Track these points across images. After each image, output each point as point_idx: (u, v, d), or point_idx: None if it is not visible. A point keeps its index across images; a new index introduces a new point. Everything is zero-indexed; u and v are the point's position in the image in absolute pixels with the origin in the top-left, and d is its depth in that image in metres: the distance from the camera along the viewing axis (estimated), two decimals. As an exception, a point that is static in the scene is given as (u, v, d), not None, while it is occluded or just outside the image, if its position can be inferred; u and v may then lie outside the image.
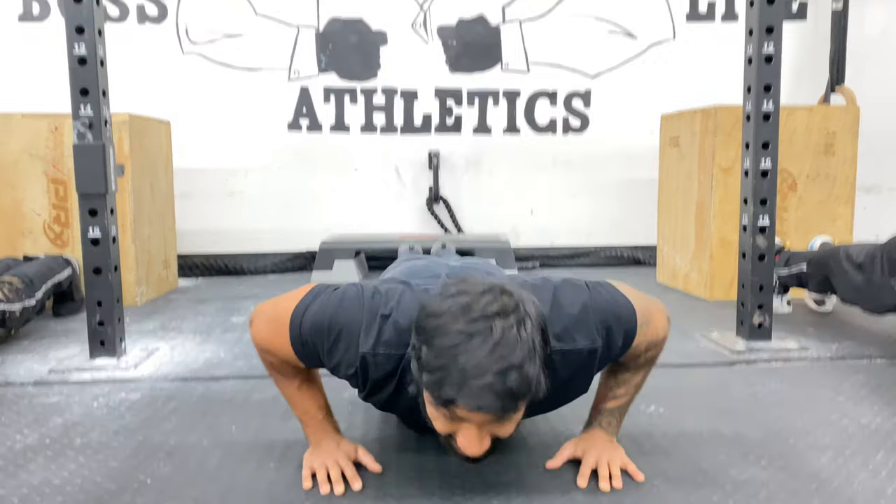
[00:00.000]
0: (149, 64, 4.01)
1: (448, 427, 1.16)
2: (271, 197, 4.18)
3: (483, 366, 1.06)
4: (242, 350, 2.40)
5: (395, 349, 1.27)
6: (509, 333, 1.08)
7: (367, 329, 1.27)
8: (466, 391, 1.07)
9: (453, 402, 1.09)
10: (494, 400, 1.07)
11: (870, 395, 1.90)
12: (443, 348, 1.09)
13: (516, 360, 1.07)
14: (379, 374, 1.29)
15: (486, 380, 1.06)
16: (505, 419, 1.13)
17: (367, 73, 4.18)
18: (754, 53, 2.25)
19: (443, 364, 1.08)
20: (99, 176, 2.13)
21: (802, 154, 3.27)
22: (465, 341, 1.08)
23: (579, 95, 4.27)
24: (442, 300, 1.14)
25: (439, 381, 1.09)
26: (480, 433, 1.14)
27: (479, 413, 1.09)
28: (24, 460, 1.53)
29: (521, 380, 1.07)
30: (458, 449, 1.18)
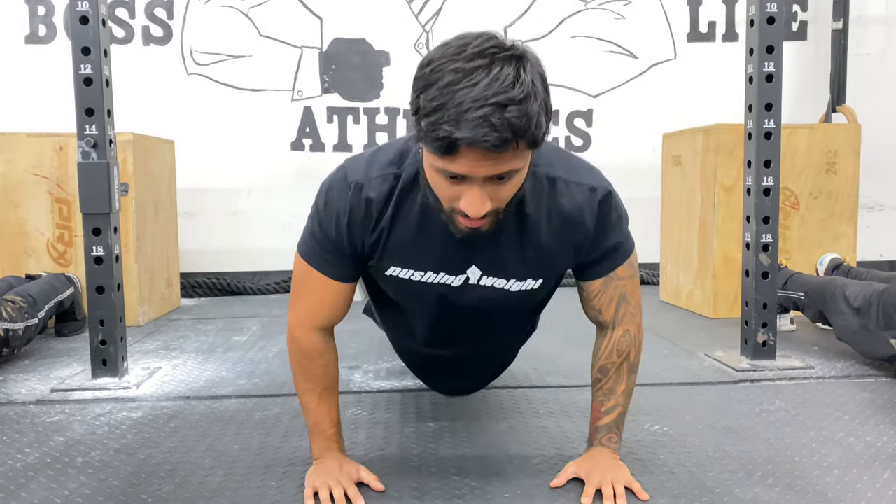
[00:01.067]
0: (153, 84, 4.04)
1: (450, 189, 1.16)
2: (274, 216, 4.19)
3: (482, 98, 1.04)
4: (244, 369, 2.39)
5: (387, 168, 1.31)
6: (509, 68, 1.06)
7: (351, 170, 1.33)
8: (464, 124, 1.05)
9: (451, 139, 1.06)
10: (492, 131, 1.05)
11: (875, 413, 1.88)
12: (440, 87, 1.07)
13: (516, 95, 1.05)
14: (377, 196, 1.31)
15: (485, 111, 1.04)
16: (505, 158, 1.10)
17: (369, 94, 4.20)
18: (755, 72, 2.26)
19: (441, 103, 1.06)
20: (103, 195, 2.14)
21: (804, 172, 3.27)
22: (463, 77, 1.06)
23: (581, 115, 4.29)
24: (438, 48, 1.12)
25: (437, 121, 1.07)
26: (482, 192, 1.14)
27: (479, 148, 1.06)
28: (26, 479, 1.52)
29: (521, 114, 1.05)
30: (461, 222, 1.19)
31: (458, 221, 1.20)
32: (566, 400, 2.00)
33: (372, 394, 2.10)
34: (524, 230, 1.33)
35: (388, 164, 1.32)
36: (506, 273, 1.38)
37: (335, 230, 1.35)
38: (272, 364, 2.45)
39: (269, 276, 4.17)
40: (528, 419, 1.86)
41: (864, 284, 2.38)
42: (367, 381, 2.22)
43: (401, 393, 2.10)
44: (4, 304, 2.44)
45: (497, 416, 1.89)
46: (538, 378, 2.23)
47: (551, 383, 2.17)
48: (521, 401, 2.01)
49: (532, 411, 1.92)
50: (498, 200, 1.18)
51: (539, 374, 2.27)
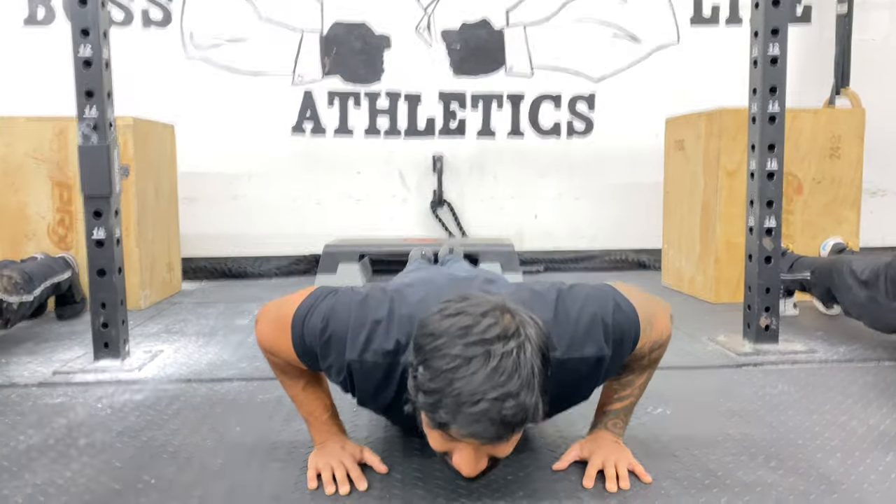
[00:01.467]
0: (153, 68, 4.02)
1: (444, 446, 1.17)
2: (275, 200, 4.18)
3: (479, 392, 1.05)
4: (246, 352, 2.39)
5: (382, 357, 1.26)
6: (508, 359, 1.06)
7: (353, 336, 1.27)
8: (461, 417, 1.06)
9: (448, 427, 1.08)
10: (489, 427, 1.06)
11: (878, 397, 1.88)
12: (439, 371, 1.07)
13: (513, 388, 1.05)
14: (368, 381, 1.29)
15: (482, 407, 1.05)
16: (501, 443, 1.12)
17: (370, 77, 4.18)
18: (760, 55, 2.24)
19: (439, 387, 1.07)
20: (103, 177, 2.13)
21: (808, 157, 3.26)
22: (463, 365, 1.06)
23: (584, 99, 4.27)
24: (441, 319, 1.11)
25: (434, 405, 1.08)
26: (476, 454, 1.14)
27: (474, 439, 1.09)
28: (28, 460, 1.52)
29: (518, 408, 1.06)
30: (454, 466, 1.18)
31: (451, 466, 1.19)
32: (568, 383, 2.00)
33: (374, 377, 2.10)
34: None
35: (385, 354, 1.26)
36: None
37: (322, 367, 1.33)
38: (274, 348, 2.45)
39: (270, 260, 4.17)
40: (530, 402, 1.85)
41: (871, 258, 2.39)
42: (369, 364, 2.22)
43: (403, 376, 2.10)
44: (1, 277, 2.44)
45: (499, 399, 1.89)
46: (540, 362, 2.22)
47: (553, 367, 2.17)
48: (523, 384, 2.01)
49: (534, 394, 1.92)
50: (494, 458, 1.18)
51: (541, 357, 2.27)
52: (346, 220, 4.23)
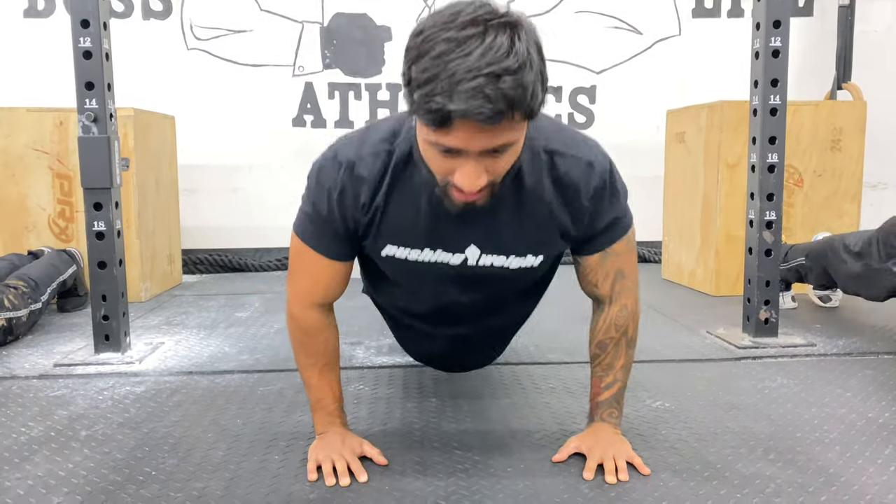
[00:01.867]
0: (153, 60, 4.01)
1: (444, 163, 1.13)
2: (276, 193, 4.17)
3: (475, 68, 1.00)
4: (247, 345, 2.40)
5: (379, 145, 1.29)
6: (503, 37, 1.01)
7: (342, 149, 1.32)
8: (457, 95, 1.01)
9: (444, 111, 1.02)
10: (486, 102, 1.01)
11: (877, 390, 1.89)
12: (432, 58, 1.03)
13: (511, 64, 1.01)
14: (369, 174, 1.29)
15: (479, 81, 1.00)
16: (500, 131, 1.06)
17: (371, 69, 4.17)
18: (761, 47, 2.24)
19: (433, 74, 1.02)
20: (104, 169, 2.13)
21: (809, 150, 3.25)
22: (456, 47, 1.01)
23: (584, 91, 4.26)
24: (429, 17, 1.08)
25: (429, 93, 1.03)
26: (477, 166, 1.11)
27: (473, 120, 1.03)
28: (30, 452, 1.53)
29: (516, 84, 1.01)
30: (456, 196, 1.17)
31: (452, 195, 1.18)
32: (568, 375, 2.01)
33: (374, 369, 2.11)
34: (522, 204, 1.31)
35: (381, 141, 1.29)
36: (505, 249, 1.36)
37: (327, 209, 1.32)
38: (274, 339, 2.46)
39: (271, 252, 4.17)
40: (529, 395, 1.86)
41: (862, 232, 2.41)
42: (370, 356, 2.23)
43: (403, 369, 2.10)
44: (6, 291, 2.42)
45: (499, 391, 1.89)
46: (540, 354, 2.23)
47: (553, 359, 2.18)
48: (522, 376, 2.01)
49: (534, 387, 1.92)
50: (493, 174, 1.15)
51: (541, 350, 2.27)
52: (346, 212, 4.22)
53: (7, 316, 2.37)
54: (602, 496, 1.30)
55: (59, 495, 1.33)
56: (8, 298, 2.40)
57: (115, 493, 1.33)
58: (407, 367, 2.11)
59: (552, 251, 1.41)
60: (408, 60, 1.08)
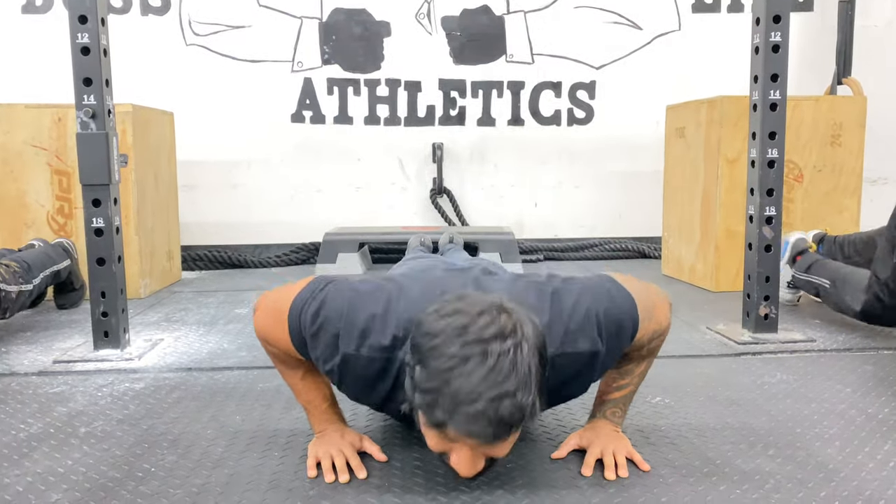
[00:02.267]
0: (152, 56, 4.01)
1: (441, 446, 1.16)
2: (274, 189, 4.18)
3: (476, 392, 1.05)
4: (246, 341, 2.39)
5: (378, 352, 1.26)
6: (505, 359, 1.06)
7: (348, 329, 1.26)
8: (458, 417, 1.06)
9: (444, 426, 1.08)
10: (486, 427, 1.06)
11: (877, 386, 1.88)
12: (436, 371, 1.08)
13: (510, 388, 1.05)
14: (363, 376, 1.29)
15: (479, 406, 1.05)
16: (498, 444, 1.12)
17: (370, 65, 4.17)
18: (761, 42, 2.23)
19: (435, 387, 1.07)
20: (102, 166, 2.13)
21: (809, 145, 3.25)
22: (459, 365, 1.06)
23: (584, 87, 4.25)
24: (438, 319, 1.12)
25: (431, 404, 1.08)
26: (474, 455, 1.13)
27: (471, 439, 1.08)
28: (29, 449, 1.52)
29: (515, 408, 1.06)
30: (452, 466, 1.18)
31: (448, 465, 1.19)
32: (568, 372, 2.00)
33: (373, 366, 2.10)
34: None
35: (381, 349, 1.26)
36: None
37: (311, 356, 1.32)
38: (274, 336, 2.45)
39: (270, 248, 4.17)
40: (529, 391, 1.86)
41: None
42: (369, 353, 2.23)
43: (402, 365, 2.10)
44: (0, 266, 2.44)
45: (499, 387, 1.89)
46: (540, 350, 2.22)
47: (553, 355, 2.17)
48: (522, 373, 2.01)
49: (534, 383, 1.92)
50: (491, 458, 1.17)
51: (540, 346, 2.27)
52: (345, 208, 4.22)
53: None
54: (601, 492, 1.30)
55: (59, 492, 1.33)
56: (0, 270, 2.41)
57: (114, 490, 1.33)
58: (406, 364, 2.11)
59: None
60: (413, 355, 1.13)
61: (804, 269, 2.66)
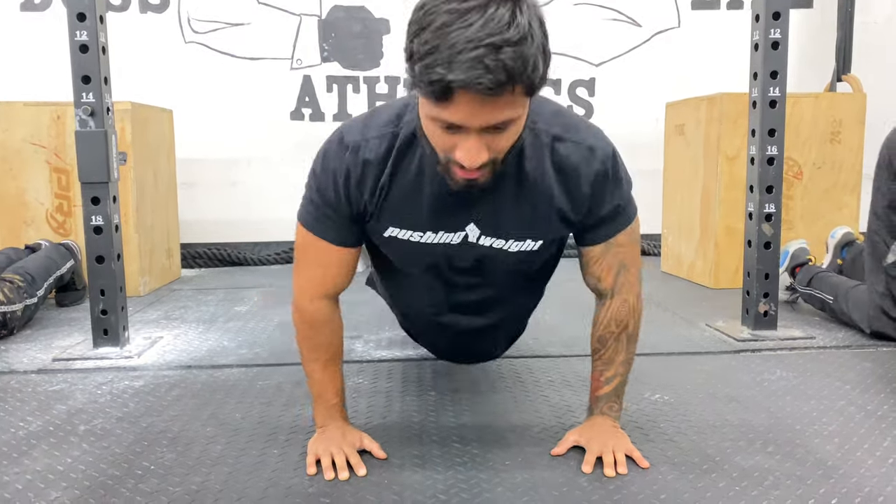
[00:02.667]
0: (151, 53, 4.00)
1: (446, 139, 1.12)
2: (274, 186, 4.17)
3: (475, 39, 1.00)
4: (246, 339, 2.39)
5: (384, 127, 1.29)
6: (503, 11, 1.01)
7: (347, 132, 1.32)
8: (458, 65, 1.00)
9: (444, 82, 1.02)
10: (486, 72, 1.00)
11: (876, 382, 1.89)
12: (434, 30, 1.02)
13: (512, 36, 1.00)
14: (374, 156, 1.29)
15: (479, 52, 1.00)
16: (501, 104, 1.06)
17: (369, 62, 4.16)
18: (761, 39, 2.23)
19: (434, 45, 1.02)
20: (101, 164, 2.12)
21: (808, 142, 3.25)
22: (457, 19, 1.01)
23: (583, 84, 4.25)
24: None
25: (430, 64, 1.02)
26: (478, 142, 1.10)
27: (473, 92, 1.02)
28: (28, 447, 1.52)
29: (517, 55, 1.01)
30: (457, 173, 1.16)
31: (454, 173, 1.17)
32: (567, 369, 2.01)
33: (373, 363, 2.11)
34: (522, 187, 1.31)
35: (386, 124, 1.30)
36: (503, 233, 1.36)
37: (334, 194, 1.33)
38: (273, 334, 2.45)
39: (270, 246, 4.17)
40: (529, 388, 1.86)
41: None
42: (369, 350, 2.23)
43: (402, 362, 2.10)
44: (2, 285, 2.42)
45: (498, 385, 1.89)
46: (539, 347, 2.23)
47: (552, 353, 2.17)
48: (521, 370, 2.01)
49: (533, 380, 1.92)
50: (495, 150, 1.14)
51: (540, 343, 2.27)
52: (345, 205, 4.21)
53: (1, 310, 2.37)
54: (601, 489, 1.31)
55: (58, 490, 1.33)
56: (3, 292, 2.40)
57: (113, 488, 1.33)
58: (406, 361, 2.11)
59: (552, 236, 1.41)
60: (410, 35, 1.08)
61: (806, 282, 2.65)
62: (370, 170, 1.30)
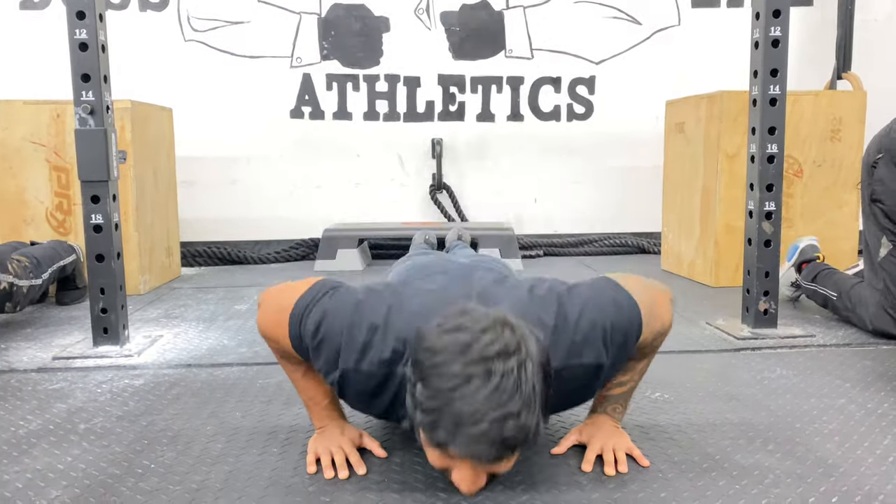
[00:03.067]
0: (151, 51, 4.00)
1: (442, 464, 1.15)
2: (274, 185, 4.18)
3: (479, 413, 1.03)
4: (245, 337, 2.39)
5: (378, 367, 1.25)
6: (509, 379, 1.05)
7: (349, 343, 1.25)
8: (460, 438, 1.05)
9: (446, 446, 1.07)
10: (488, 448, 1.05)
11: (876, 381, 1.89)
12: (438, 390, 1.06)
13: (514, 409, 1.04)
14: (363, 390, 1.28)
15: (482, 428, 1.03)
16: (500, 463, 1.11)
17: (369, 60, 4.16)
18: (761, 37, 2.23)
19: (437, 406, 1.06)
20: (101, 162, 2.12)
21: (808, 140, 3.24)
22: (462, 385, 1.04)
23: (584, 82, 4.25)
24: (440, 335, 1.10)
25: (433, 424, 1.07)
26: (475, 473, 1.13)
27: (473, 459, 1.08)
28: (28, 445, 1.52)
29: (518, 429, 1.05)
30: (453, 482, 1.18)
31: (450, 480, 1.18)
32: (567, 368, 2.00)
33: (373, 362, 2.10)
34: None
35: (381, 364, 1.25)
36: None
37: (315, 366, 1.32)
38: (273, 332, 2.45)
39: (270, 244, 4.17)
40: (529, 387, 1.86)
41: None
42: (369, 349, 2.22)
43: (402, 361, 2.10)
44: (11, 260, 2.49)
45: (498, 383, 1.89)
46: (539, 346, 2.22)
47: (552, 351, 2.17)
48: (522, 368, 2.01)
49: (533, 379, 1.92)
50: (494, 473, 1.17)
51: (540, 342, 2.27)
52: (345, 204, 4.22)
53: (10, 280, 2.42)
54: (601, 488, 1.30)
55: (58, 488, 1.33)
56: (12, 266, 2.46)
57: (113, 486, 1.33)
58: (406, 359, 2.11)
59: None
60: (415, 375, 1.11)
61: (810, 278, 2.65)
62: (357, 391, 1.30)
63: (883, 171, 2.29)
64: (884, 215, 2.29)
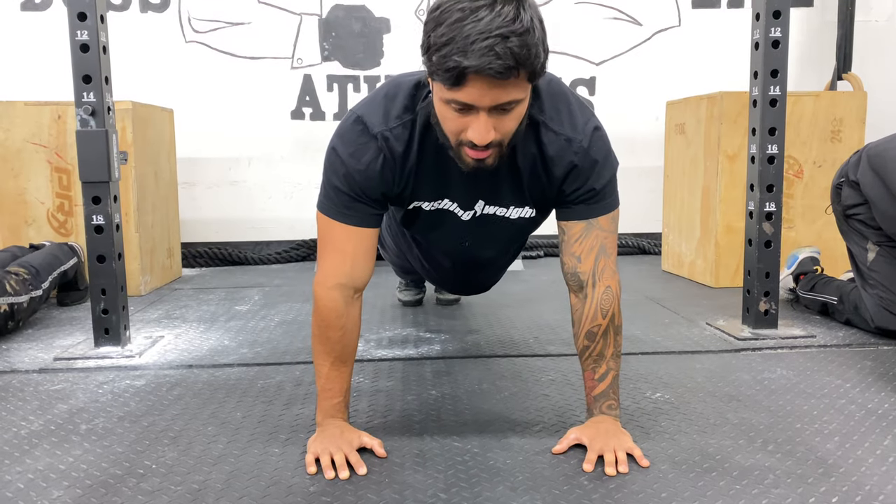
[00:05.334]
0: (152, 53, 4.00)
1: (458, 121, 1.26)
2: (275, 185, 4.18)
3: (486, 31, 1.15)
4: (247, 338, 2.40)
5: (405, 115, 1.41)
6: (509, 8, 1.17)
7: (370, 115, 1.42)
8: (472, 53, 1.16)
9: (460, 68, 1.17)
10: (497, 58, 1.16)
11: (877, 381, 1.89)
12: (449, 24, 1.18)
13: (517, 29, 1.16)
14: (401, 144, 1.42)
15: (490, 41, 1.15)
16: (507, 88, 1.20)
17: (370, 61, 4.16)
18: (761, 38, 2.23)
19: (450, 37, 1.18)
20: (102, 163, 2.12)
21: (809, 141, 3.24)
22: (469, 14, 1.17)
23: (584, 82, 4.25)
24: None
25: (447, 54, 1.18)
26: (487, 122, 1.24)
27: (485, 75, 1.17)
28: (30, 446, 1.53)
29: (522, 44, 1.17)
30: (468, 154, 1.30)
31: (464, 155, 1.31)
32: (567, 368, 2.01)
33: (374, 362, 2.11)
34: (515, 165, 1.45)
35: (404, 111, 1.42)
36: (505, 202, 1.53)
37: (364, 178, 1.43)
38: (274, 333, 2.46)
39: (271, 245, 4.17)
40: (529, 387, 1.86)
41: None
42: (369, 349, 2.23)
43: (402, 361, 2.11)
44: (8, 277, 2.44)
45: (498, 383, 1.90)
46: (539, 346, 2.23)
47: (552, 352, 2.18)
48: (522, 369, 2.02)
49: (533, 379, 1.92)
50: (502, 132, 1.28)
51: (540, 342, 2.27)
52: (345, 205, 4.21)
53: (9, 301, 2.38)
54: (601, 487, 1.31)
55: (60, 489, 1.33)
56: (10, 284, 2.42)
57: (115, 487, 1.34)
58: (406, 360, 2.11)
59: (543, 205, 1.56)
60: (426, 31, 1.23)
61: (808, 287, 2.66)
62: (399, 157, 1.43)
63: (847, 191, 2.43)
64: (863, 224, 2.37)
